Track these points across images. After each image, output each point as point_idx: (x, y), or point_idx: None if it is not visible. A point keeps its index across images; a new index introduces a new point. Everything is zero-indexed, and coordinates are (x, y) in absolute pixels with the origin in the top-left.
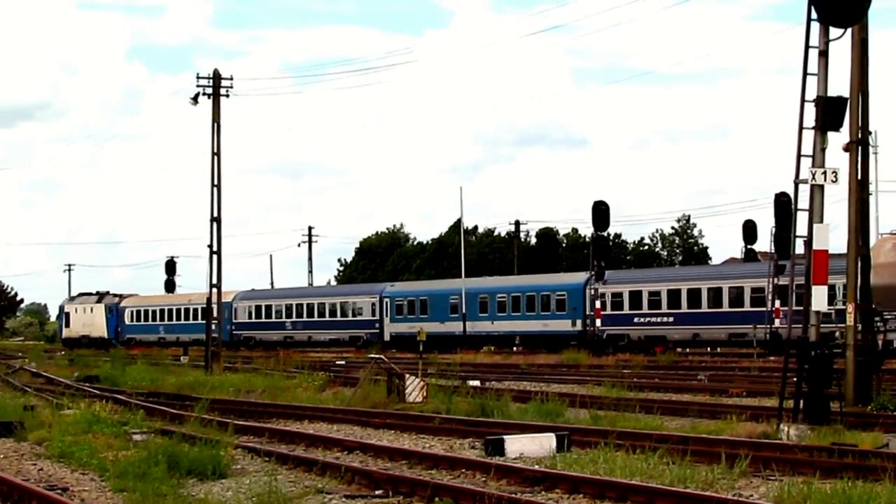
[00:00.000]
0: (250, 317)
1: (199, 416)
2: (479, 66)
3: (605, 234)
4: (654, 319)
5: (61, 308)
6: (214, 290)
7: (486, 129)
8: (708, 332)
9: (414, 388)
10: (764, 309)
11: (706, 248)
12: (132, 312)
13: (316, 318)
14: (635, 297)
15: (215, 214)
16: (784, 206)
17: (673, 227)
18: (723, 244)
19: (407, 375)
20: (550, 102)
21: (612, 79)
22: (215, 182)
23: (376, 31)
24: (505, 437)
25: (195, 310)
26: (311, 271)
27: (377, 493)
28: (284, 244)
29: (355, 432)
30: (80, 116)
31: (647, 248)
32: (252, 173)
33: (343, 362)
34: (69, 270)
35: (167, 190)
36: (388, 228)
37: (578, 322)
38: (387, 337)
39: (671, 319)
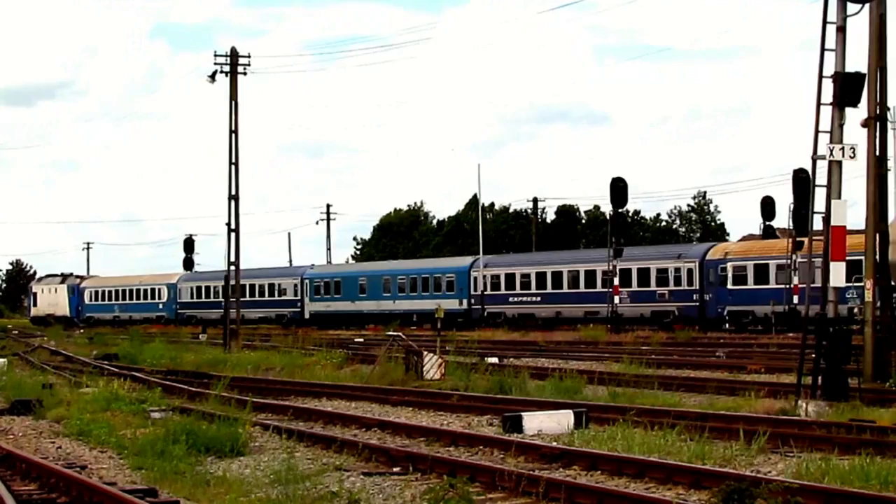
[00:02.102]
0: (192, 296)
1: (217, 393)
2: (498, 44)
3: (624, 211)
4: (524, 299)
5: (29, 288)
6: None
7: (507, 106)
8: (568, 310)
9: (432, 366)
10: (624, 290)
11: (723, 224)
12: (91, 293)
13: (247, 298)
14: (510, 280)
15: (233, 192)
16: (802, 183)
17: (690, 205)
18: (741, 221)
19: (425, 353)
20: (570, 79)
21: (631, 55)
22: (233, 160)
23: (396, 8)
24: (523, 413)
25: (145, 290)
26: (329, 249)
27: (395, 469)
28: (303, 222)
29: (373, 409)
30: (102, 96)
31: (664, 224)
32: (272, 151)
33: (361, 340)
34: (88, 249)
35: (187, 168)
36: (407, 206)
37: (465, 301)
38: (307, 315)
39: (538, 299)
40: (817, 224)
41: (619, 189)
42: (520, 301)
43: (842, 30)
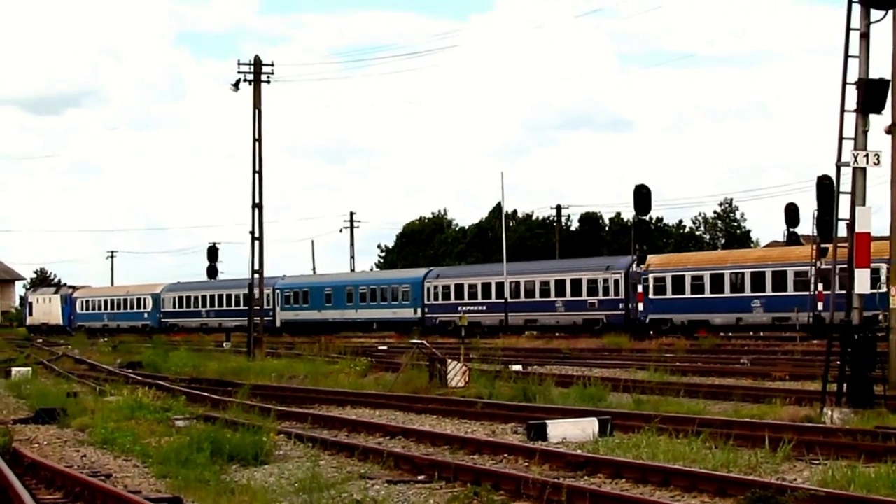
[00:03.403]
0: (174, 306)
1: (241, 401)
2: (522, 51)
3: (647, 218)
4: (471, 308)
5: (25, 298)
6: (256, 276)
7: (530, 112)
8: (511, 318)
9: (456, 373)
10: (547, 299)
11: (748, 231)
12: (82, 302)
13: (224, 308)
14: (459, 290)
15: (257, 200)
16: (826, 189)
17: (715, 211)
18: (765, 227)
19: (449, 360)
20: (594, 86)
21: (653, 62)
22: (257, 168)
23: (421, 16)
24: (547, 421)
25: (131, 300)
26: (352, 257)
27: (420, 478)
28: (327, 230)
29: (397, 417)
30: (126, 103)
31: (687, 231)
32: (295, 159)
33: (385, 347)
34: (112, 257)
35: (210, 176)
36: (431, 213)
37: (419, 310)
38: (278, 323)
39: (484, 308)
40: (842, 231)
41: (642, 196)
42: (467, 310)
43: (865, 36)
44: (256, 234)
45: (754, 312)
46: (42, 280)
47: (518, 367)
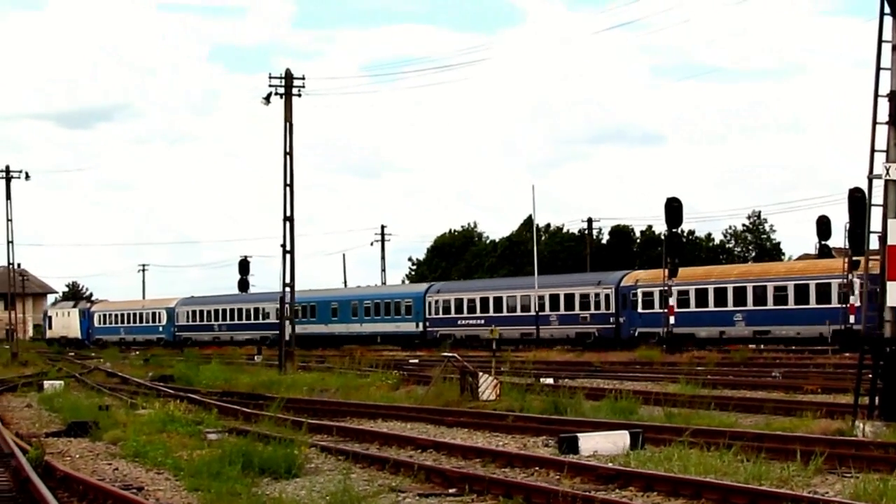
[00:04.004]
0: (188, 320)
1: (272, 415)
2: (552, 64)
3: (678, 231)
4: (470, 322)
5: (45, 312)
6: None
7: (561, 126)
8: (508, 331)
9: (487, 387)
10: (542, 313)
11: (779, 244)
12: (100, 316)
13: (235, 321)
14: (458, 304)
15: (288, 214)
16: (858, 202)
17: (744, 224)
18: (797, 240)
19: (480, 373)
20: (625, 99)
21: (685, 75)
22: (288, 182)
23: (451, 30)
24: (578, 434)
25: (146, 314)
26: (384, 270)
27: (451, 491)
28: (358, 243)
29: (428, 431)
30: (158, 117)
31: (718, 244)
32: (326, 172)
33: (416, 361)
34: (143, 271)
35: (242, 190)
36: (461, 227)
37: (420, 324)
38: (287, 337)
39: (482, 322)
40: (874, 243)
41: (673, 209)
42: (466, 324)
43: None
44: (288, 248)
45: (736, 326)
46: (74, 294)
47: (549, 381)
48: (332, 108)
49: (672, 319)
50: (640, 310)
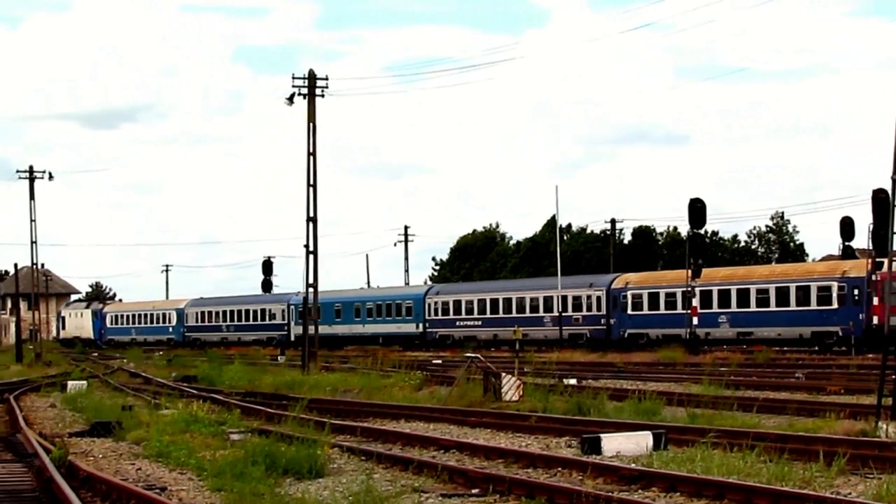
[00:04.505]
0: (197, 321)
1: (295, 415)
2: (577, 64)
3: (702, 231)
4: (468, 323)
5: (58, 313)
6: (311, 289)
7: (585, 127)
8: (503, 333)
9: (510, 387)
10: (537, 315)
11: (802, 244)
12: (112, 317)
13: (243, 322)
14: (457, 306)
15: (311, 214)
16: (882, 203)
17: (767, 225)
18: (820, 241)
19: (503, 374)
20: (649, 99)
21: (709, 75)
22: (311, 182)
23: (476, 30)
24: (601, 435)
25: (157, 315)
26: (406, 270)
27: (474, 491)
28: (381, 244)
29: (451, 431)
30: (182, 118)
31: (742, 245)
32: (350, 173)
33: (440, 361)
34: (167, 271)
35: (265, 190)
36: (483, 227)
37: (420, 325)
38: (292, 338)
39: (479, 323)
40: None
41: (697, 210)
42: (464, 325)
43: None
44: (311, 248)
45: (721, 328)
46: (97, 295)
47: (572, 381)
48: (356, 108)
49: (695, 320)
50: (629, 312)
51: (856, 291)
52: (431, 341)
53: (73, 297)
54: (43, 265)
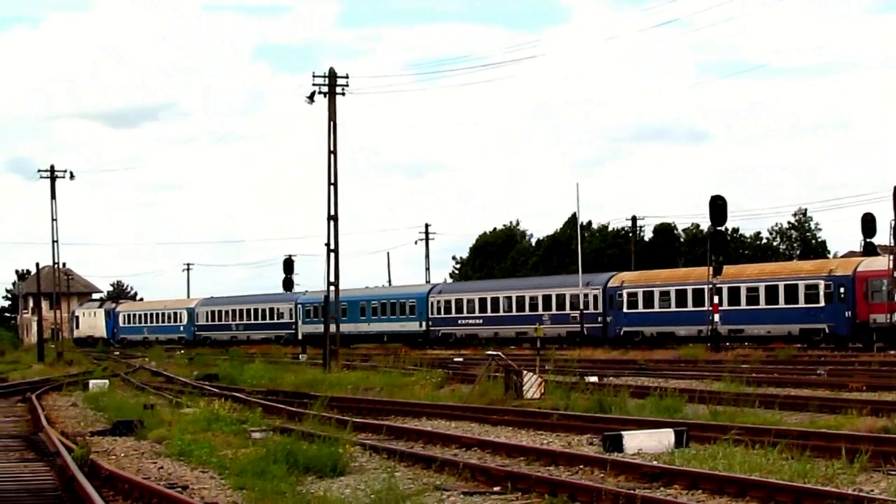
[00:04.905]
0: (207, 319)
1: (317, 413)
2: (598, 62)
3: (723, 228)
4: (470, 321)
5: (72, 312)
6: (332, 287)
7: (606, 124)
8: (503, 331)
9: (531, 385)
10: (535, 313)
11: (824, 241)
12: (124, 316)
13: (252, 321)
14: (459, 305)
15: (332, 213)
16: None
17: (789, 222)
18: (842, 238)
19: (524, 372)
20: (670, 96)
21: (730, 72)
22: (332, 180)
23: (497, 27)
24: (623, 432)
25: (168, 314)
26: (427, 269)
27: (495, 489)
28: (402, 242)
29: (473, 429)
30: (204, 117)
31: (764, 242)
32: (371, 171)
33: (461, 359)
34: (188, 270)
35: (286, 189)
36: (503, 225)
37: (424, 323)
38: (300, 336)
39: (480, 322)
40: None
41: (718, 207)
42: (466, 323)
43: None
44: (332, 247)
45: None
46: (119, 293)
47: (594, 379)
48: (377, 106)
49: (717, 317)
50: (625, 310)
51: (842, 290)
52: (434, 339)
53: (95, 295)
54: (64, 264)
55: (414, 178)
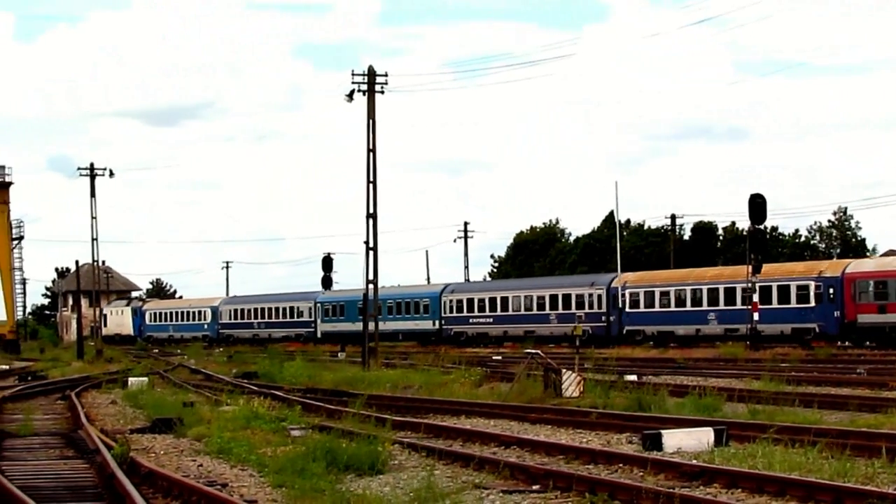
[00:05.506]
0: (230, 318)
1: (356, 411)
2: (637, 60)
3: (762, 227)
4: (480, 320)
5: (100, 310)
6: (371, 286)
7: (646, 122)
8: (513, 329)
9: (570, 383)
10: (543, 312)
11: (864, 240)
12: (151, 314)
13: (272, 320)
14: (470, 304)
15: (371, 211)
16: None
17: (829, 220)
18: (882, 236)
19: (563, 370)
20: (709, 95)
21: (769, 70)
22: (371, 178)
23: (535, 25)
24: (662, 431)
25: (192, 312)
26: (466, 267)
27: (534, 487)
28: (441, 240)
29: (512, 427)
30: (244, 115)
31: (803, 241)
32: (410, 169)
33: (500, 358)
34: (227, 268)
35: (326, 187)
36: (543, 224)
37: (437, 322)
38: (319, 334)
39: (491, 321)
40: None
41: (757, 205)
42: (477, 322)
43: None
44: (371, 245)
45: (710, 324)
46: (158, 291)
47: (633, 377)
48: (417, 104)
49: (756, 316)
50: (627, 309)
51: (831, 290)
52: (447, 338)
53: (134, 293)
54: (104, 262)
55: (453, 176)
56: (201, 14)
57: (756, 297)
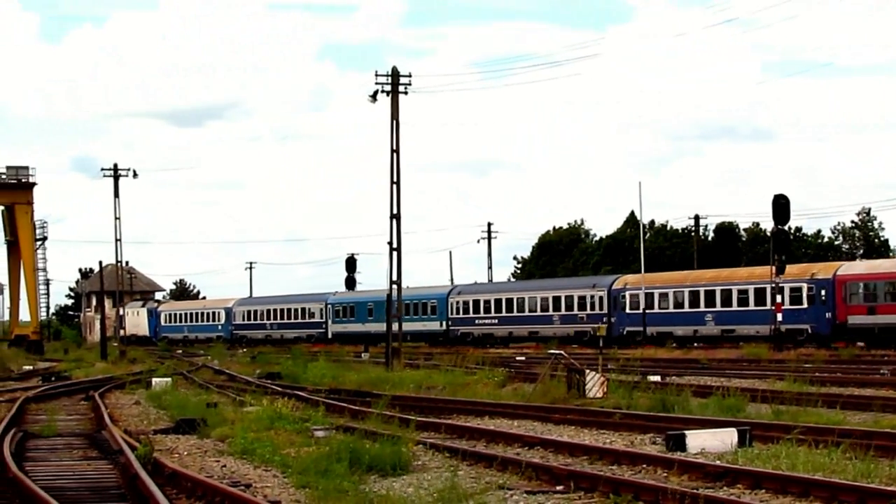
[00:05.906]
0: (244, 319)
1: (380, 412)
2: (662, 60)
3: (786, 228)
4: (486, 321)
5: (118, 312)
6: (394, 286)
7: (671, 122)
8: (517, 330)
9: (594, 384)
10: (546, 313)
11: (886, 240)
12: (166, 315)
13: (285, 321)
14: (476, 305)
15: (395, 211)
16: None
17: (853, 221)
18: None
19: (587, 371)
20: (734, 95)
21: (794, 71)
22: (395, 179)
23: (561, 25)
24: (686, 432)
25: (207, 313)
26: (490, 267)
27: (558, 488)
28: (465, 240)
29: (535, 428)
30: (268, 116)
31: (826, 241)
32: (434, 169)
33: (523, 358)
34: (251, 268)
35: (350, 187)
36: (567, 224)
37: (444, 323)
38: (330, 335)
39: (496, 322)
40: None
41: (781, 206)
42: (482, 323)
43: None
44: (395, 245)
45: (707, 325)
46: (182, 292)
47: (656, 378)
48: (441, 105)
49: (780, 316)
50: (627, 310)
51: (823, 292)
52: (454, 338)
53: (158, 294)
54: (127, 263)
55: (477, 176)
56: (226, 15)
57: (779, 298)
